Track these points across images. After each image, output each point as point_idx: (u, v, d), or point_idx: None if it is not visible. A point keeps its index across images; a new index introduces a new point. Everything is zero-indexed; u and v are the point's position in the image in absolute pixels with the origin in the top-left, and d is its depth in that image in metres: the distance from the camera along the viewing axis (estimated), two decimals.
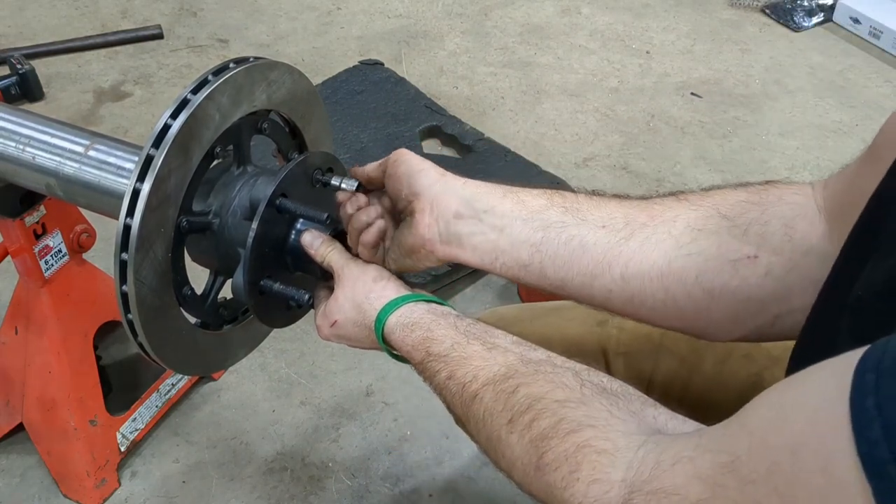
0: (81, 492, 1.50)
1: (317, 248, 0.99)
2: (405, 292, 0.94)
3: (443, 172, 0.94)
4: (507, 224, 0.91)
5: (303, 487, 1.54)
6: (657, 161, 2.27)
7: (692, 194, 0.89)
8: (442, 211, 0.91)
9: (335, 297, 0.97)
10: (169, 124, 0.95)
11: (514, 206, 0.91)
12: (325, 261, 0.98)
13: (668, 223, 0.87)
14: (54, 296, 1.40)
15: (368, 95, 2.39)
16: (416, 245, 0.93)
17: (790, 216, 0.83)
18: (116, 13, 2.84)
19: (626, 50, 2.71)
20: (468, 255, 0.93)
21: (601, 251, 0.88)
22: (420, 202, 0.92)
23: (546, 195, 0.93)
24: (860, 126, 2.39)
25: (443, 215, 0.91)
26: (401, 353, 0.90)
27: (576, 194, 0.93)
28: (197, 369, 1.28)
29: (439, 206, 0.91)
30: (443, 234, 0.92)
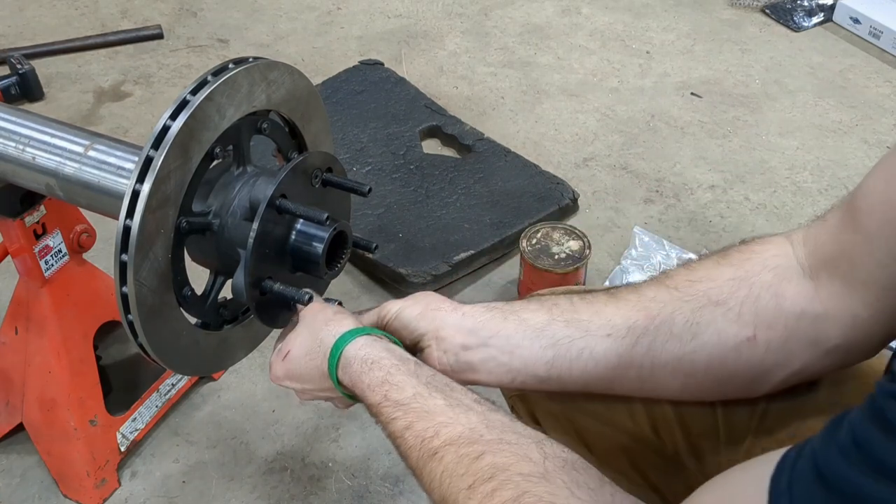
0: (81, 492, 1.50)
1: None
2: (368, 327, 0.95)
3: (439, 307, 0.97)
4: (515, 346, 0.93)
5: (303, 487, 1.54)
6: (657, 161, 2.27)
7: (680, 279, 0.92)
8: (448, 345, 0.94)
9: (294, 330, 0.99)
10: (168, 125, 0.95)
11: (517, 326, 0.94)
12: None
13: (667, 323, 0.90)
14: (54, 296, 1.40)
15: (368, 95, 2.39)
16: None
17: (777, 283, 0.87)
18: (116, 13, 2.84)
19: (626, 50, 2.71)
20: (484, 378, 0.95)
21: (613, 360, 0.92)
22: (425, 340, 0.95)
23: (545, 309, 0.95)
24: (860, 126, 2.39)
25: (451, 348, 0.94)
26: (353, 389, 0.89)
27: (571, 301, 0.95)
28: (197, 369, 1.28)
29: (445, 341, 0.94)
30: (454, 365, 0.94)
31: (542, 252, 1.81)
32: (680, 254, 1.95)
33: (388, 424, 0.84)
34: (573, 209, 2.10)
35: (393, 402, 0.84)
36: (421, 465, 0.79)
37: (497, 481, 0.72)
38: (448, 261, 1.88)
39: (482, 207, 2.04)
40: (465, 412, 0.81)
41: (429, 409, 0.82)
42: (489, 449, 0.75)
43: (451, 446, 0.77)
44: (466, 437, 0.77)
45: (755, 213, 2.12)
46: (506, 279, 1.94)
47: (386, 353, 0.89)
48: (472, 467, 0.74)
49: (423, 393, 0.84)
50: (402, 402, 0.83)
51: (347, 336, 0.91)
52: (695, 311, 0.89)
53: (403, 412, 0.83)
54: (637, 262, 1.93)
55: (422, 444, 0.79)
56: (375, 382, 0.86)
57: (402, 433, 0.82)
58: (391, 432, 0.84)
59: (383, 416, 0.85)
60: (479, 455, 0.75)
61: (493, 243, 1.95)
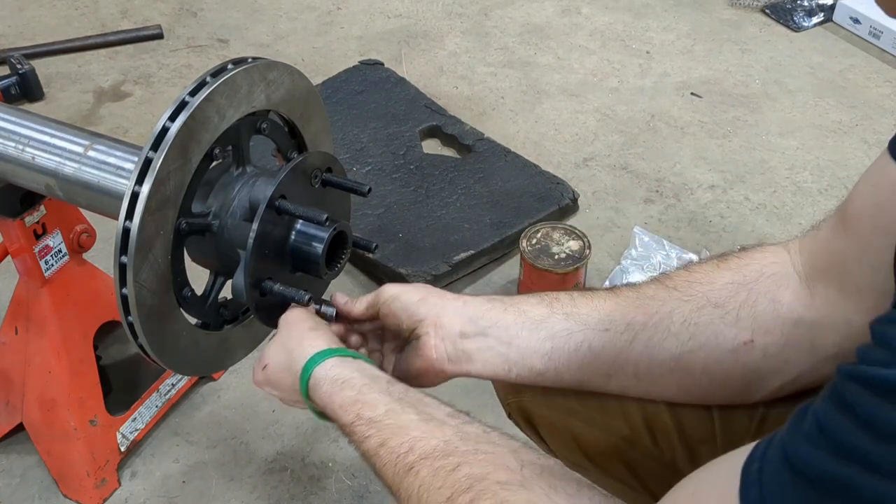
0: (81, 492, 1.50)
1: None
2: (339, 346, 0.93)
3: (441, 295, 0.97)
4: (513, 336, 0.93)
5: (303, 487, 1.54)
6: (657, 161, 2.27)
7: (679, 280, 0.93)
8: (447, 332, 0.94)
9: (273, 341, 0.97)
10: (167, 126, 0.95)
11: (516, 317, 0.94)
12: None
13: (665, 320, 0.90)
14: (54, 296, 1.40)
15: (368, 95, 2.39)
16: (425, 367, 0.94)
17: (774, 289, 0.88)
18: (116, 13, 2.84)
19: (626, 50, 2.71)
20: (479, 368, 0.95)
21: (610, 355, 0.92)
22: (423, 326, 0.94)
23: (544, 303, 0.95)
24: (860, 126, 2.39)
25: (448, 336, 0.94)
26: (325, 410, 0.88)
27: (571, 295, 0.96)
28: (197, 369, 1.28)
29: (443, 328, 0.94)
30: (450, 353, 0.94)
31: (542, 252, 1.81)
32: (680, 254, 1.95)
33: (362, 443, 0.83)
34: (573, 209, 2.10)
35: (366, 421, 0.83)
36: (398, 482, 0.78)
37: (475, 491, 0.72)
38: (448, 261, 1.88)
39: (482, 207, 2.04)
40: (439, 426, 0.80)
41: (402, 424, 0.81)
42: (465, 460, 0.75)
43: (427, 460, 0.77)
44: (441, 450, 0.77)
45: (755, 213, 2.12)
46: (506, 279, 1.94)
47: (357, 372, 0.88)
48: (449, 479, 0.74)
49: (396, 409, 0.83)
50: (375, 419, 0.83)
51: (317, 357, 0.90)
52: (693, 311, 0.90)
53: (377, 429, 0.82)
54: (637, 262, 1.93)
55: (397, 459, 0.79)
56: (347, 402, 0.85)
57: (376, 451, 0.81)
58: (366, 451, 0.83)
59: (357, 435, 0.84)
60: (455, 467, 0.75)
61: (493, 243, 1.95)
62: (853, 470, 0.49)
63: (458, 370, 0.94)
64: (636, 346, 0.91)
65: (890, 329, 0.51)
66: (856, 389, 0.51)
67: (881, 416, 0.49)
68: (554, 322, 0.93)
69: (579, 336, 0.92)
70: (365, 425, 0.83)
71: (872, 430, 0.49)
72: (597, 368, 0.93)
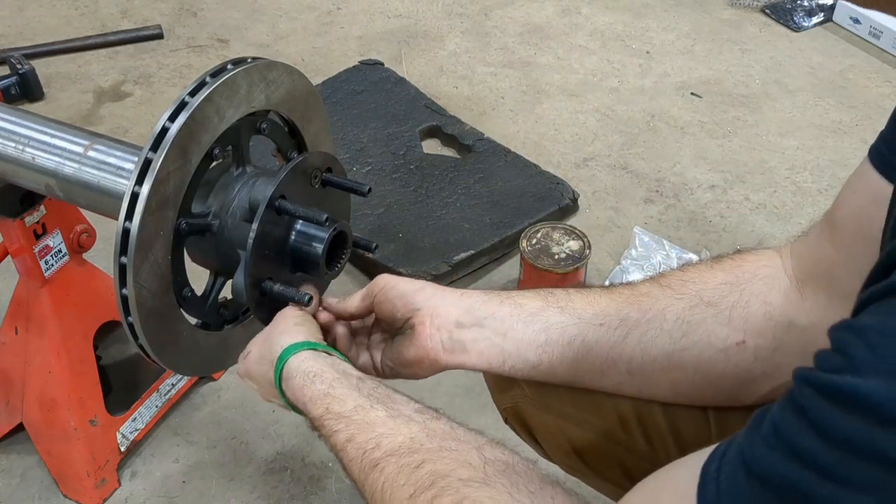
0: (81, 492, 1.50)
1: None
2: (317, 341, 0.93)
3: (437, 286, 0.97)
4: (509, 328, 0.93)
5: (303, 487, 1.54)
6: (657, 161, 2.27)
7: (674, 279, 0.93)
8: (443, 321, 0.93)
9: (264, 330, 0.98)
10: (167, 127, 0.95)
11: (512, 310, 0.94)
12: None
13: (658, 317, 0.91)
14: (54, 296, 1.40)
15: (368, 95, 2.39)
16: (419, 356, 0.94)
17: (766, 292, 0.89)
18: (116, 13, 2.84)
19: (626, 50, 2.71)
20: (474, 360, 0.94)
21: (604, 349, 0.92)
22: (420, 315, 0.94)
23: (540, 297, 0.95)
24: (860, 126, 2.39)
25: (444, 325, 0.93)
26: (296, 402, 0.89)
27: (567, 291, 0.96)
28: (197, 369, 1.28)
29: (440, 317, 0.93)
30: (445, 343, 0.93)
31: (542, 252, 1.81)
32: (680, 254, 1.95)
33: (330, 437, 0.84)
34: (573, 209, 2.10)
35: (335, 415, 0.84)
36: (363, 478, 0.79)
37: (437, 488, 0.72)
38: (448, 261, 1.88)
39: (482, 207, 2.04)
40: (406, 423, 0.81)
41: (370, 420, 0.82)
42: (429, 457, 0.76)
43: (392, 457, 0.77)
44: (407, 447, 0.77)
45: (755, 213, 2.12)
46: (506, 279, 1.94)
47: (328, 367, 0.89)
48: (413, 476, 0.74)
49: (365, 405, 0.83)
50: (344, 414, 0.83)
51: (292, 349, 0.91)
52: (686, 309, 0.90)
53: (345, 424, 0.82)
54: (637, 262, 1.93)
55: (363, 455, 0.79)
56: (317, 395, 0.86)
57: (343, 446, 0.82)
58: (333, 445, 0.83)
59: (325, 428, 0.84)
60: (419, 464, 0.75)
61: (493, 243, 1.95)
62: (806, 475, 0.50)
63: (453, 360, 0.94)
64: (629, 341, 0.91)
65: (845, 335, 0.51)
66: (810, 394, 0.51)
67: (833, 424, 0.49)
68: (549, 315, 0.93)
69: (573, 330, 0.92)
70: (333, 420, 0.84)
71: (825, 436, 0.49)
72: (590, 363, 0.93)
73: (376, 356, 1.00)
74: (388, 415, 0.82)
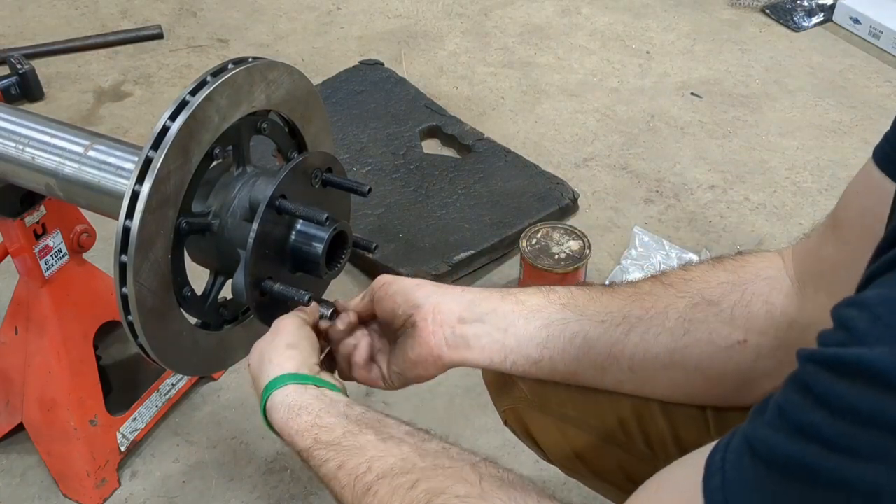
0: (81, 492, 1.50)
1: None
2: (304, 372, 0.91)
3: (437, 284, 0.96)
4: (510, 324, 0.93)
5: (303, 487, 1.54)
6: (657, 161, 2.27)
7: (676, 278, 0.93)
8: (445, 317, 0.93)
9: (260, 341, 0.96)
10: (168, 126, 0.95)
11: (514, 306, 0.94)
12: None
13: (661, 315, 0.91)
14: (54, 296, 1.40)
15: (368, 95, 2.39)
16: (423, 354, 0.93)
17: (768, 292, 0.88)
18: (116, 13, 2.84)
19: (626, 50, 2.71)
20: (476, 355, 0.94)
21: (606, 346, 0.91)
22: (421, 312, 0.93)
23: (542, 293, 0.95)
24: (860, 126, 2.39)
25: (447, 321, 0.93)
26: (282, 435, 0.88)
27: (568, 288, 0.96)
28: (197, 369, 1.28)
29: (442, 313, 0.93)
30: (448, 339, 0.92)
31: (542, 252, 1.81)
32: (680, 254, 1.95)
33: (321, 467, 0.82)
34: (573, 209, 2.10)
35: (323, 444, 0.82)
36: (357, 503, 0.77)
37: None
38: (448, 261, 1.88)
39: (482, 207, 2.04)
40: (397, 444, 0.79)
41: (360, 445, 0.80)
42: (423, 476, 0.74)
43: (385, 479, 0.76)
44: (399, 468, 0.76)
45: (755, 213, 2.12)
46: (506, 279, 1.94)
47: (314, 399, 0.87)
48: (408, 497, 0.73)
49: (354, 430, 0.82)
50: (332, 442, 0.82)
51: (276, 382, 0.89)
52: (688, 308, 0.90)
53: (335, 452, 0.81)
54: (637, 262, 1.93)
55: (355, 481, 0.78)
56: (304, 427, 0.85)
57: (335, 474, 0.80)
58: (324, 475, 0.82)
59: (315, 459, 0.83)
60: (413, 483, 0.74)
61: (493, 243, 1.95)
62: (811, 449, 0.49)
63: (457, 356, 0.93)
64: (631, 338, 0.91)
65: (847, 311, 0.51)
66: (814, 370, 0.51)
67: (838, 395, 0.49)
68: (550, 311, 0.93)
69: (575, 326, 0.92)
70: (323, 449, 0.82)
71: (830, 409, 0.49)
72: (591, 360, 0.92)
73: (383, 367, 0.98)
74: (378, 438, 0.81)
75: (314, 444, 0.83)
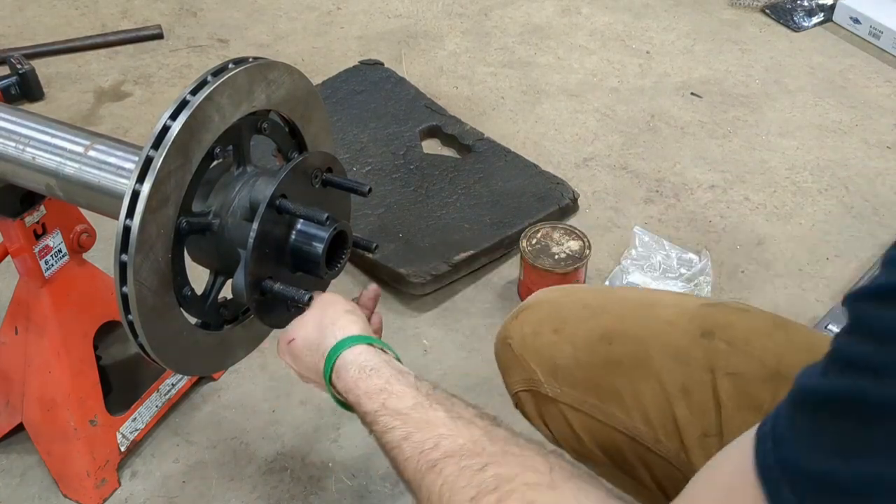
0: (81, 492, 1.50)
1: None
2: (372, 335, 0.92)
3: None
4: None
5: (303, 487, 1.54)
6: (657, 161, 2.27)
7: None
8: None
9: (303, 316, 0.98)
10: (168, 126, 0.95)
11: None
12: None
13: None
14: (54, 296, 1.40)
15: (368, 95, 2.39)
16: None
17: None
18: (116, 13, 2.84)
19: (626, 50, 2.71)
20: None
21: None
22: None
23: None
24: (860, 126, 2.39)
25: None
26: (348, 395, 0.87)
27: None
28: (197, 369, 1.28)
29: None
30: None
31: (542, 252, 1.81)
32: (680, 254, 1.95)
33: (385, 434, 0.82)
34: (573, 209, 2.10)
35: (391, 411, 0.82)
36: (419, 478, 0.77)
37: (502, 492, 0.70)
38: (448, 261, 1.88)
39: (482, 207, 2.04)
40: (466, 425, 0.79)
41: (429, 419, 0.80)
42: (493, 461, 0.74)
43: (453, 458, 0.75)
44: (469, 450, 0.75)
45: (755, 213, 2.12)
46: (506, 279, 1.94)
47: (385, 364, 0.88)
48: (475, 479, 0.72)
49: (424, 404, 0.82)
50: (402, 411, 0.81)
51: (348, 341, 0.90)
52: None
53: (402, 421, 0.81)
54: (637, 262, 1.93)
55: (420, 455, 0.77)
56: (373, 390, 0.85)
57: (399, 444, 0.80)
58: (387, 442, 0.82)
59: (379, 424, 0.83)
60: (482, 467, 0.73)
61: (493, 243, 1.95)
62: (862, 381, 0.49)
63: None
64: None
65: (892, 251, 0.52)
66: (861, 306, 0.51)
67: (884, 319, 0.49)
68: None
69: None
70: (390, 416, 0.82)
71: (878, 336, 0.49)
72: None
73: None
74: (449, 416, 0.80)
75: (381, 409, 0.83)
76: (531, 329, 1.07)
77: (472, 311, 1.87)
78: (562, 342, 1.04)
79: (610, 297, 1.12)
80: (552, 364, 1.03)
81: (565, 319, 1.06)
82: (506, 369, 1.08)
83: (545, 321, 1.07)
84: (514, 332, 1.08)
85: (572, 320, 1.05)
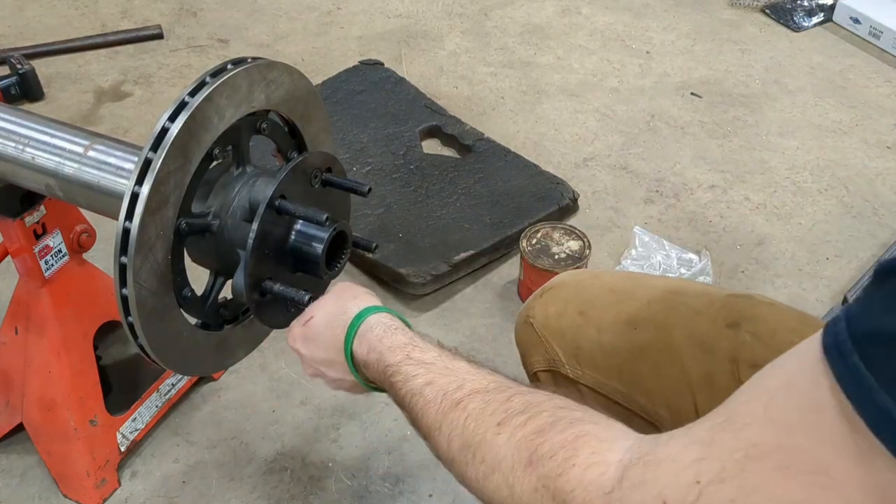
0: (81, 492, 1.50)
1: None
2: (393, 310, 0.97)
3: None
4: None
5: (303, 487, 1.54)
6: (657, 161, 2.27)
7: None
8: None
9: (323, 299, 1.01)
10: (167, 127, 0.95)
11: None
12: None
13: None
14: (54, 296, 1.40)
15: (368, 95, 2.39)
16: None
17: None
18: (116, 13, 2.84)
19: (626, 50, 2.71)
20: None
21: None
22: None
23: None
24: (860, 126, 2.39)
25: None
26: (370, 354, 0.90)
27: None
28: (197, 369, 1.28)
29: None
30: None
31: (542, 252, 1.81)
32: (680, 254, 1.95)
33: (406, 383, 0.83)
34: (573, 209, 2.10)
35: (416, 361, 0.84)
36: (440, 419, 0.78)
37: (531, 412, 0.71)
38: (448, 261, 1.88)
39: (482, 207, 2.04)
40: (489, 373, 0.81)
41: (453, 367, 0.82)
42: (519, 392, 0.75)
43: (478, 395, 0.77)
44: (494, 387, 0.77)
45: (755, 213, 2.12)
46: (506, 279, 1.94)
47: (408, 328, 0.92)
48: (503, 406, 0.73)
49: (447, 356, 0.84)
50: (426, 361, 0.84)
51: (373, 308, 0.94)
52: None
53: (426, 370, 0.83)
54: (637, 262, 1.93)
55: (444, 396, 0.78)
56: (398, 344, 0.88)
57: (421, 390, 0.81)
58: (408, 391, 0.83)
59: (402, 374, 0.84)
60: (509, 397, 0.74)
61: (493, 243, 1.95)
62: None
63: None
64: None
65: None
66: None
67: None
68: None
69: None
70: (413, 365, 0.84)
71: None
72: None
73: None
74: (472, 366, 0.82)
75: (405, 360, 0.85)
76: (555, 310, 1.07)
77: (472, 311, 1.87)
78: (587, 325, 1.04)
79: (636, 283, 1.12)
80: (575, 346, 1.03)
81: (591, 302, 1.06)
82: (526, 349, 1.08)
83: (570, 303, 1.07)
84: (537, 311, 1.09)
85: (598, 304, 1.06)
